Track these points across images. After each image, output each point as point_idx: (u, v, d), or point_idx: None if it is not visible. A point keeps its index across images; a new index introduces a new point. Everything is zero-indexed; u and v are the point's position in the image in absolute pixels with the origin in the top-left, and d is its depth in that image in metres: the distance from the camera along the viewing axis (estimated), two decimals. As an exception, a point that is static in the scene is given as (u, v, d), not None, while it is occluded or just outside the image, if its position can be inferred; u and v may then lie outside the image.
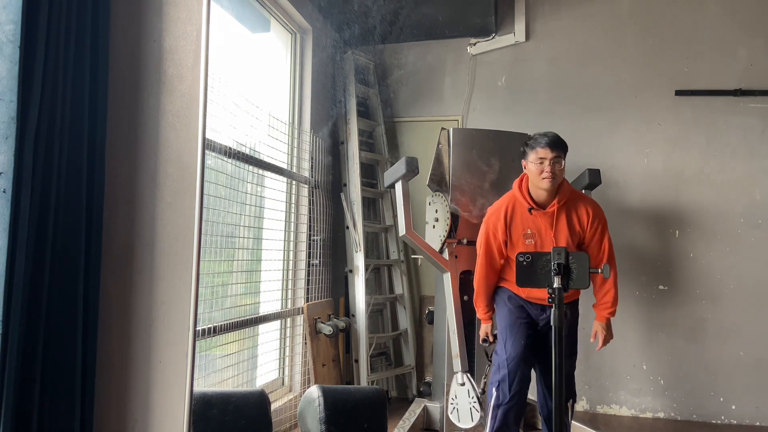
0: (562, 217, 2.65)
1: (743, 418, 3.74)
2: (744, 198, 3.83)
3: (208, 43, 1.74)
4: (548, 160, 2.56)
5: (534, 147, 2.61)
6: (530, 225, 2.66)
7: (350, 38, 4.23)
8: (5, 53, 1.39)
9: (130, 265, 1.69)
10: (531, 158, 2.62)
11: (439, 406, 3.39)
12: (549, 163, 2.56)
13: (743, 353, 3.76)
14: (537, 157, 2.58)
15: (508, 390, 2.65)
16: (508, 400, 2.65)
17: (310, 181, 3.74)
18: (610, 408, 3.96)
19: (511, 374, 2.65)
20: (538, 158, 2.58)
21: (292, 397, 3.43)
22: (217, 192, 2.76)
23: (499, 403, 2.66)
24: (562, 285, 2.01)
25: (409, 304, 4.22)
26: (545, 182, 2.57)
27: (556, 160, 2.57)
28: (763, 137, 3.83)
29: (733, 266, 3.82)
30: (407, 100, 4.49)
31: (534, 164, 2.59)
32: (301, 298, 3.61)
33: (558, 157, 2.58)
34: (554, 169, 2.56)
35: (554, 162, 2.57)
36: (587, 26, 4.15)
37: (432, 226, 3.36)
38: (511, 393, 2.64)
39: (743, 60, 3.87)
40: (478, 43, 4.33)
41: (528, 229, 2.66)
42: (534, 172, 2.60)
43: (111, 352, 1.64)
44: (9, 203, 1.36)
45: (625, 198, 4.01)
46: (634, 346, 3.94)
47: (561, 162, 2.59)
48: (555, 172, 2.57)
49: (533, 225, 2.65)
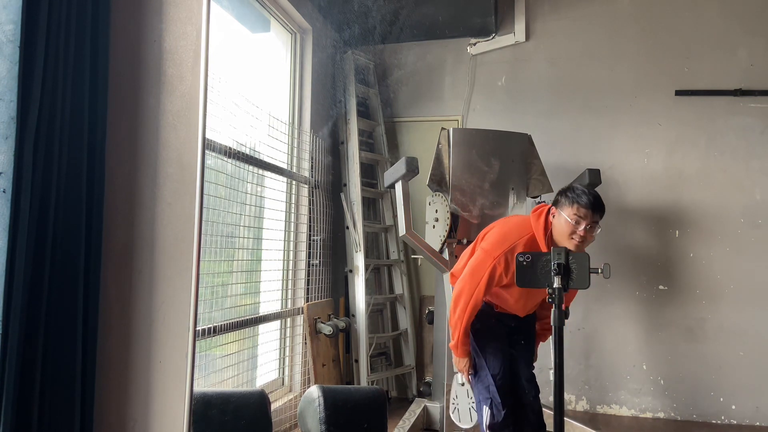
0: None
1: (743, 418, 3.74)
2: (744, 198, 3.83)
3: (208, 43, 1.74)
4: (586, 222, 2.26)
5: (575, 202, 2.28)
6: None
7: (350, 38, 4.23)
8: (5, 53, 1.39)
9: (130, 265, 1.69)
10: (567, 212, 2.29)
11: (439, 406, 3.39)
12: (585, 227, 2.26)
13: (743, 353, 3.76)
14: (574, 214, 2.26)
15: (501, 406, 2.52)
16: (503, 417, 2.52)
17: (310, 181, 3.74)
18: (610, 408, 3.96)
19: (500, 390, 2.53)
20: (575, 215, 2.26)
21: (292, 397, 3.43)
22: (217, 192, 2.76)
23: (495, 421, 2.53)
24: (562, 285, 2.01)
25: (409, 304, 4.22)
26: (571, 244, 2.26)
27: (593, 225, 2.28)
28: (763, 137, 3.83)
29: (733, 266, 3.82)
30: (407, 100, 4.49)
31: (568, 221, 2.27)
32: (301, 298, 3.61)
33: (596, 222, 2.29)
34: (587, 236, 2.28)
35: (591, 227, 2.28)
36: (587, 26, 4.16)
37: (432, 226, 3.35)
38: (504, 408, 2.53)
39: (743, 60, 3.87)
40: (478, 43, 4.33)
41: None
42: (564, 229, 2.29)
43: (111, 352, 1.64)
44: (9, 203, 1.36)
45: (625, 198, 4.01)
46: (634, 346, 3.94)
47: (596, 229, 2.29)
48: (587, 239, 2.29)
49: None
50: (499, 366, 2.54)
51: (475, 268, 2.45)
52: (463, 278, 2.49)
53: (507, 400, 2.54)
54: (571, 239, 2.27)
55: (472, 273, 2.45)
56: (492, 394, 2.53)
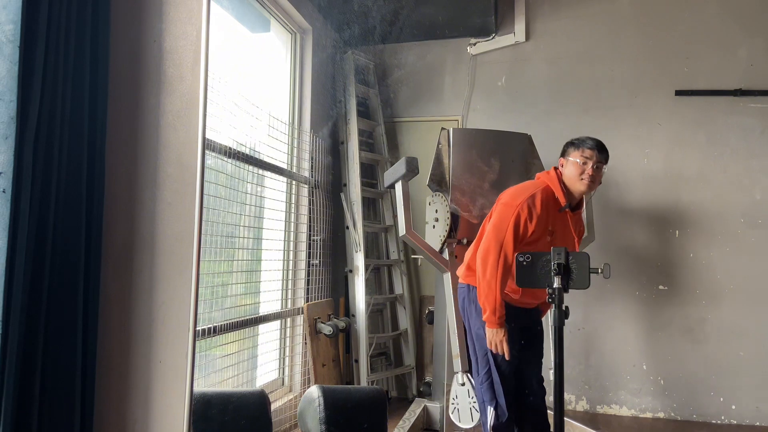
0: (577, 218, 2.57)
1: (743, 418, 3.74)
2: (744, 198, 3.83)
3: (208, 43, 1.74)
4: (592, 162, 2.37)
5: (580, 146, 2.41)
6: (554, 222, 2.45)
7: (350, 38, 4.23)
8: (5, 53, 1.39)
9: (130, 265, 1.69)
10: (574, 155, 2.40)
11: (439, 406, 3.39)
12: (592, 166, 2.37)
13: (743, 353, 3.76)
14: (582, 156, 2.38)
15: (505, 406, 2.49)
16: (507, 419, 2.49)
17: (310, 181, 3.74)
18: (610, 408, 3.96)
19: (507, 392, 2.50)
20: (583, 157, 2.38)
21: (292, 397, 3.43)
22: (217, 192, 2.76)
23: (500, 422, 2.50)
24: (562, 285, 2.01)
25: (409, 304, 4.22)
26: (582, 185, 2.38)
27: (599, 165, 2.39)
28: (763, 137, 3.83)
29: (733, 266, 3.82)
30: (407, 100, 4.49)
31: (575, 164, 2.39)
32: (301, 298, 3.61)
33: (601, 163, 2.40)
34: (595, 175, 2.38)
35: (597, 166, 2.38)
36: (587, 26, 4.16)
37: (432, 226, 3.35)
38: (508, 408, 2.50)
39: (743, 60, 3.87)
40: (478, 43, 4.33)
41: (550, 226, 2.44)
42: (573, 172, 2.40)
43: (111, 352, 1.64)
44: (9, 203, 1.36)
45: (625, 198, 4.01)
46: (634, 346, 3.94)
47: (603, 169, 2.42)
48: (596, 178, 2.39)
49: (557, 224, 2.46)
50: (507, 367, 2.49)
51: (498, 224, 2.40)
52: (487, 237, 2.41)
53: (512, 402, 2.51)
54: (581, 180, 2.38)
55: (496, 229, 2.39)
56: (498, 395, 2.49)
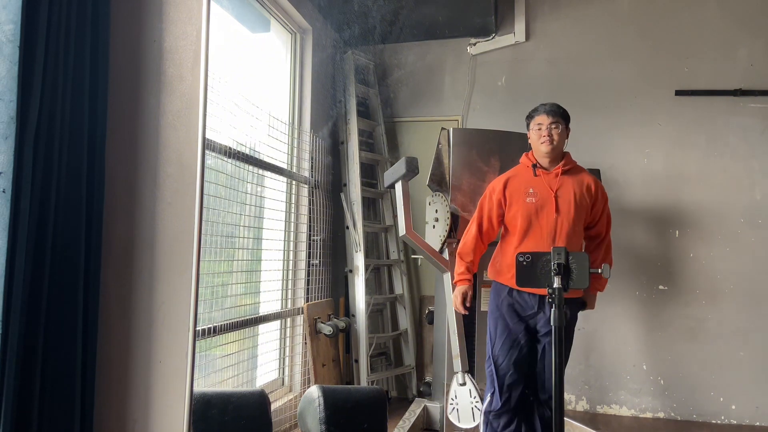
0: (567, 181, 2.64)
1: (743, 418, 3.74)
2: (744, 198, 3.83)
3: (208, 43, 1.74)
4: (546, 125, 2.62)
5: (533, 116, 2.69)
6: (534, 185, 2.65)
7: (350, 38, 4.23)
8: (5, 53, 1.39)
9: (130, 265, 1.69)
10: (531, 126, 2.69)
11: (439, 406, 3.39)
12: (546, 128, 2.62)
13: (743, 353, 3.76)
14: (536, 123, 2.66)
15: (499, 397, 2.60)
16: (499, 407, 2.61)
17: (310, 181, 3.74)
18: (610, 408, 3.96)
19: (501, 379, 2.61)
20: (536, 124, 2.65)
21: (292, 397, 3.43)
22: (217, 192, 2.76)
23: (492, 408, 2.64)
24: (562, 285, 2.01)
25: (409, 304, 4.22)
26: (544, 146, 2.62)
27: (554, 125, 2.62)
28: (763, 137, 3.83)
29: (733, 266, 3.82)
30: (407, 100, 4.49)
31: (534, 131, 2.67)
32: (301, 298, 3.61)
33: (556, 122, 2.63)
34: (552, 133, 2.61)
35: (552, 127, 2.62)
36: (587, 26, 4.16)
37: (432, 226, 3.35)
38: (502, 400, 2.60)
39: (743, 60, 3.87)
40: (478, 43, 4.33)
41: (531, 188, 2.65)
42: (534, 139, 2.67)
43: (111, 352, 1.64)
44: (9, 203, 1.36)
45: (625, 198, 4.01)
46: (634, 346, 3.94)
47: (559, 127, 2.63)
48: (553, 136, 2.61)
49: (537, 185, 2.65)
50: (504, 355, 2.60)
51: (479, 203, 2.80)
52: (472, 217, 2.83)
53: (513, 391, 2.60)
54: (542, 143, 2.62)
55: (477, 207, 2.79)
56: (492, 381, 2.63)
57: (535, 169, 2.68)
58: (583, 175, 2.69)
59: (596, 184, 2.68)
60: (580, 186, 2.64)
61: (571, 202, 2.61)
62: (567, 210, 2.60)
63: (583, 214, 2.63)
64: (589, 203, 2.63)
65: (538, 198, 2.63)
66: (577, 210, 2.60)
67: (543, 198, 2.62)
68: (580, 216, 2.61)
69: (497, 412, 2.62)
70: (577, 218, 2.60)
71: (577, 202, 2.61)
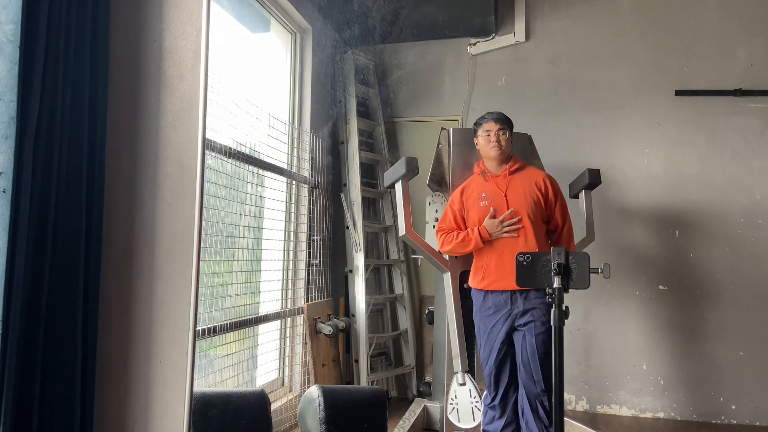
0: (516, 181, 2.84)
1: (743, 418, 3.74)
2: (744, 198, 3.83)
3: (208, 43, 1.74)
4: (494, 131, 2.85)
5: (481, 123, 2.92)
6: (485, 189, 2.86)
7: (350, 38, 4.23)
8: (5, 53, 1.39)
9: (130, 265, 1.69)
10: (479, 133, 2.91)
11: (439, 406, 3.39)
12: (495, 134, 2.84)
13: (743, 353, 3.76)
14: (484, 130, 2.89)
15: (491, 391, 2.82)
16: (489, 401, 2.82)
17: (310, 181, 3.74)
18: (610, 408, 3.96)
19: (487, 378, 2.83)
20: (485, 131, 2.88)
21: (292, 397, 3.43)
22: (217, 192, 2.76)
23: (488, 402, 2.84)
24: (562, 285, 2.01)
25: (409, 304, 4.22)
26: (493, 150, 2.84)
27: (501, 131, 2.85)
28: (763, 137, 3.83)
29: (733, 266, 3.82)
30: (407, 100, 4.49)
31: (482, 137, 2.89)
32: (301, 298, 3.61)
33: (503, 129, 2.86)
34: (500, 139, 2.84)
35: (499, 133, 2.85)
36: (587, 26, 4.16)
37: (432, 226, 3.36)
38: (492, 394, 2.82)
39: (743, 60, 3.87)
40: (478, 43, 4.33)
41: (483, 193, 2.85)
42: (483, 144, 2.89)
43: (111, 352, 1.64)
44: (9, 203, 1.36)
45: (625, 198, 4.01)
46: (634, 346, 3.94)
47: (506, 133, 2.86)
48: (501, 142, 2.84)
49: (488, 189, 2.86)
50: (487, 356, 2.78)
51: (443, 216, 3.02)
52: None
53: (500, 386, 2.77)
54: (491, 148, 2.85)
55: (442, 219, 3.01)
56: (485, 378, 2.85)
57: (485, 175, 2.90)
58: (531, 172, 2.90)
59: (547, 178, 2.87)
60: (529, 182, 2.83)
61: (521, 197, 2.78)
62: (520, 204, 2.77)
63: (537, 208, 2.78)
64: (540, 197, 2.80)
65: (491, 200, 2.82)
66: (528, 204, 2.76)
67: (495, 200, 2.82)
68: (533, 209, 2.76)
69: (490, 405, 2.83)
70: (533, 211, 2.76)
71: (527, 197, 2.78)
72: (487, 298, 2.77)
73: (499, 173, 2.88)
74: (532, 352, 2.64)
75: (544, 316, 2.63)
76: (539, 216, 2.77)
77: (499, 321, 2.73)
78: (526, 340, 2.66)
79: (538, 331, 2.64)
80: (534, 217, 2.74)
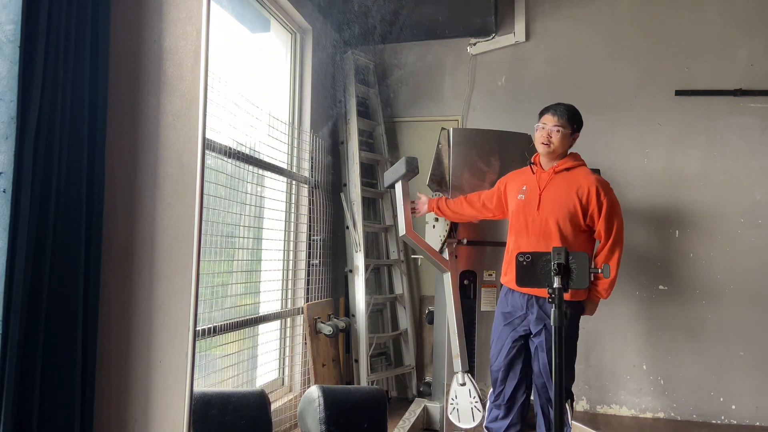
0: (558, 182, 2.64)
1: (743, 418, 3.74)
2: (744, 198, 3.83)
3: (208, 43, 1.74)
4: (548, 126, 2.65)
5: (542, 114, 2.72)
6: (527, 182, 2.75)
7: (350, 38, 4.22)
8: (5, 53, 1.39)
9: (130, 265, 1.69)
10: (539, 123, 2.72)
11: (439, 406, 3.39)
12: (547, 130, 2.64)
13: (743, 353, 3.77)
14: (541, 122, 2.70)
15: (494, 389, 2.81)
16: (494, 399, 2.81)
17: (310, 181, 3.74)
18: (610, 408, 3.96)
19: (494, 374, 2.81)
20: (541, 123, 2.69)
21: (292, 397, 3.43)
22: (217, 192, 2.76)
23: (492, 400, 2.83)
24: (562, 285, 2.01)
25: (409, 304, 4.22)
26: (542, 147, 2.67)
27: (556, 129, 2.63)
28: (763, 137, 3.83)
29: (733, 266, 3.82)
30: (407, 100, 4.49)
31: (538, 129, 2.70)
32: (301, 298, 3.61)
33: (559, 127, 2.63)
34: (551, 137, 2.63)
35: (553, 130, 2.63)
36: (587, 26, 4.16)
37: (432, 226, 3.35)
38: (495, 393, 2.80)
39: (743, 60, 3.87)
40: (478, 43, 4.33)
41: (524, 186, 2.74)
42: (537, 137, 2.71)
43: (111, 352, 1.64)
44: (9, 203, 1.36)
45: (625, 198, 4.00)
46: (634, 346, 3.94)
47: (560, 131, 2.63)
48: (552, 140, 2.63)
49: (530, 182, 2.74)
50: (497, 354, 2.76)
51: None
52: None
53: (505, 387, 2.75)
54: (540, 144, 2.67)
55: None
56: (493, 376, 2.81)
57: (532, 167, 2.75)
58: (580, 176, 2.63)
59: (595, 187, 2.57)
60: (572, 186, 2.59)
61: (556, 202, 2.59)
62: (550, 209, 2.59)
63: (573, 215, 2.57)
64: (578, 204, 2.57)
65: (527, 195, 2.69)
66: (560, 210, 2.57)
67: (531, 196, 2.68)
68: (566, 217, 2.56)
69: (494, 402, 2.80)
70: (565, 218, 2.56)
71: (562, 202, 2.58)
72: (508, 296, 2.75)
73: (546, 169, 2.70)
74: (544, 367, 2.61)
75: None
76: (574, 224, 2.57)
77: (514, 321, 2.71)
78: (538, 356, 2.63)
79: (549, 346, 2.55)
80: (563, 223, 2.56)
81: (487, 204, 2.96)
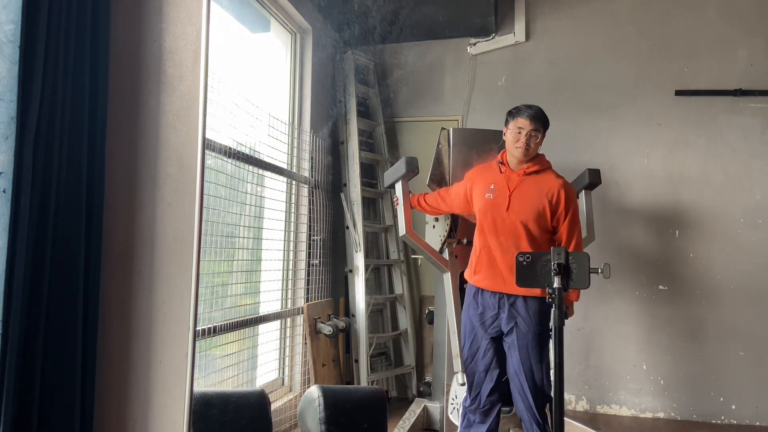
0: (528, 184, 2.65)
1: (743, 418, 3.74)
2: (744, 198, 3.83)
3: (208, 43, 1.74)
4: (525, 131, 2.62)
5: (515, 116, 2.66)
6: (495, 181, 2.71)
7: (350, 38, 4.23)
8: (5, 53, 1.39)
9: (130, 265, 1.69)
10: (510, 126, 2.68)
11: (439, 406, 3.39)
12: (525, 135, 2.61)
13: (743, 353, 3.76)
14: (516, 126, 2.64)
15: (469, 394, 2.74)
16: (468, 404, 2.73)
17: (310, 181, 3.74)
18: (610, 408, 3.96)
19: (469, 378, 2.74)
20: (516, 127, 2.64)
21: (292, 397, 3.43)
22: (217, 192, 2.76)
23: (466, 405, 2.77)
24: (562, 285, 2.01)
25: (409, 304, 4.22)
26: (518, 151, 2.64)
27: (534, 133, 2.62)
28: (763, 137, 3.83)
29: (733, 266, 3.82)
30: (407, 100, 4.49)
31: (512, 133, 2.66)
32: (301, 298, 3.61)
33: (536, 131, 2.62)
34: (529, 142, 2.61)
35: (531, 135, 2.62)
36: (587, 26, 4.16)
37: (432, 226, 3.35)
38: (471, 397, 2.73)
39: (743, 60, 3.87)
40: (478, 43, 4.33)
41: (492, 184, 2.70)
42: (510, 140, 2.67)
43: (111, 352, 1.64)
44: (9, 203, 1.36)
45: (625, 198, 4.01)
46: (634, 346, 3.94)
47: (538, 136, 2.63)
48: (530, 145, 2.62)
49: (498, 181, 2.70)
50: (472, 357, 2.72)
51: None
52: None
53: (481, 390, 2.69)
54: (517, 147, 2.63)
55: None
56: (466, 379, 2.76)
57: (500, 167, 2.73)
58: (550, 179, 2.66)
59: (563, 190, 2.61)
60: (541, 189, 2.62)
61: (526, 204, 2.60)
62: (519, 210, 2.60)
63: (541, 217, 2.59)
64: (547, 208, 2.59)
65: (496, 196, 2.67)
66: (530, 212, 2.58)
67: (500, 196, 2.66)
68: (535, 218, 2.58)
69: (469, 408, 2.74)
70: (533, 220, 2.58)
71: (531, 205, 2.59)
72: (477, 296, 2.71)
73: (516, 170, 2.69)
74: (518, 367, 2.58)
75: (526, 325, 2.58)
76: (542, 226, 2.61)
77: (486, 322, 2.67)
78: (512, 355, 2.61)
79: (521, 344, 2.57)
80: (532, 225, 2.59)
81: (455, 200, 2.94)
